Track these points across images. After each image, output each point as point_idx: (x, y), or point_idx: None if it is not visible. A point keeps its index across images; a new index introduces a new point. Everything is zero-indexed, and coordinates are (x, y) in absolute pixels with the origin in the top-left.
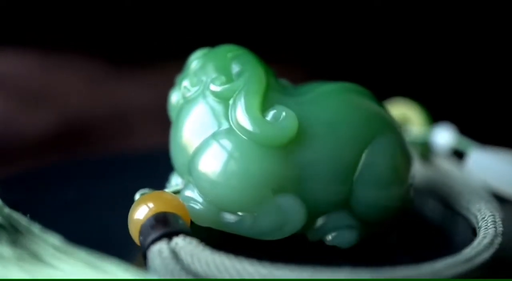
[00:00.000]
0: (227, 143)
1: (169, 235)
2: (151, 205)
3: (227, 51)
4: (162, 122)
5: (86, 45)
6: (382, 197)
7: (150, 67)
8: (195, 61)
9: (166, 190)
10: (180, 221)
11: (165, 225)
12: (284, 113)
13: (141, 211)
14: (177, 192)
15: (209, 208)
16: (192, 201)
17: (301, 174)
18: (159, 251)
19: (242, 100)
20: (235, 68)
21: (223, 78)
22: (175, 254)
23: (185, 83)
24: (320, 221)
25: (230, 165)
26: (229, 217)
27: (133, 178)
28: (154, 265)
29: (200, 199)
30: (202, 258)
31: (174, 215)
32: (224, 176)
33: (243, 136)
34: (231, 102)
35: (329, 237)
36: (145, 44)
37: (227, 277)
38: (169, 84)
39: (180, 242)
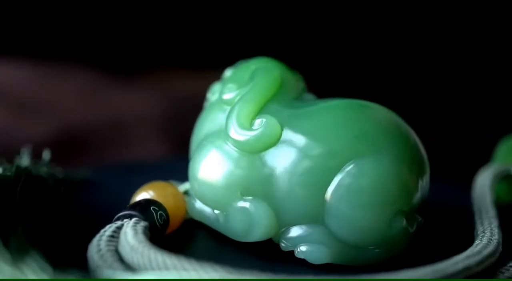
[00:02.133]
0: (210, 145)
1: (129, 217)
2: (150, 192)
3: (256, 63)
4: (158, 131)
5: (82, 55)
6: (358, 218)
7: (146, 76)
8: (229, 70)
9: (180, 186)
10: (160, 211)
11: (138, 209)
12: (265, 121)
13: (139, 195)
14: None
15: (198, 204)
16: (192, 198)
17: (271, 181)
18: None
19: (236, 107)
20: (251, 79)
21: (233, 87)
22: (114, 233)
23: (214, 89)
24: (293, 231)
25: (207, 165)
26: (210, 215)
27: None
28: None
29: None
30: (132, 245)
31: (157, 205)
32: (202, 174)
33: (225, 140)
34: (231, 108)
35: (298, 249)
36: (141, 53)
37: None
38: (165, 93)
39: (128, 224)
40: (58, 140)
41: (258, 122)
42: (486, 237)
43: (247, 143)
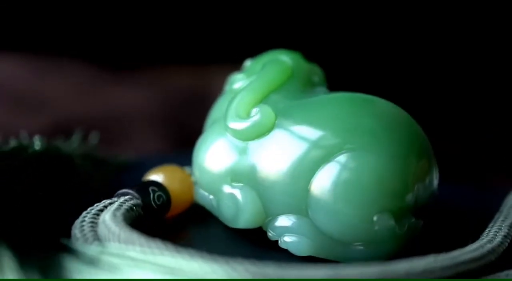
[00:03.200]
0: (210, 132)
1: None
2: (160, 174)
3: (273, 54)
4: (156, 127)
5: (79, 51)
6: (340, 212)
7: (144, 72)
8: (250, 61)
9: None
10: (159, 193)
11: (135, 188)
12: (259, 110)
13: (148, 176)
14: None
15: (201, 190)
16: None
17: (259, 170)
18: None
19: (236, 96)
20: (260, 69)
21: (243, 77)
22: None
23: (230, 80)
24: (279, 221)
25: (205, 151)
26: (207, 199)
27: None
28: None
29: None
30: (105, 220)
31: (158, 186)
32: (200, 160)
33: (223, 126)
34: (232, 97)
35: (282, 240)
36: (139, 49)
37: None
38: (163, 88)
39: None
40: (54, 136)
41: (254, 111)
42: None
43: (241, 131)
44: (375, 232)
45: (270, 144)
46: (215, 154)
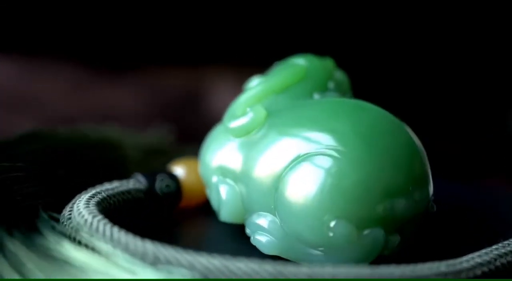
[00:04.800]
0: (215, 129)
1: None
2: (180, 165)
3: (295, 59)
4: (148, 127)
5: (71, 51)
6: (296, 214)
7: (136, 72)
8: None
9: None
10: (167, 182)
11: (144, 174)
12: (252, 108)
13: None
14: None
15: None
16: None
17: (242, 166)
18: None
19: (239, 96)
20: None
21: (256, 79)
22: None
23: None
24: (253, 218)
25: (206, 145)
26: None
27: None
28: None
29: None
30: (77, 204)
31: (169, 176)
32: (202, 153)
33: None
34: None
35: (253, 237)
36: (131, 49)
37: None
38: (155, 89)
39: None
40: None
41: (248, 110)
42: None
43: (233, 128)
44: (330, 238)
45: (254, 142)
46: (211, 147)
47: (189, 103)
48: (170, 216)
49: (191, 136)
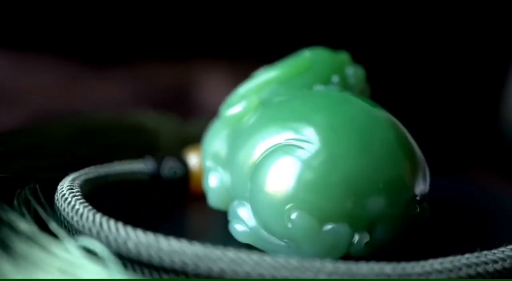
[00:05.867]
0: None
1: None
2: (194, 151)
3: (305, 51)
4: None
5: (56, 45)
6: (260, 203)
7: (125, 67)
8: None
9: None
10: (175, 167)
11: (153, 158)
12: (246, 98)
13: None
14: None
15: None
16: None
17: (229, 155)
18: None
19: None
20: None
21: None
22: None
23: None
24: (233, 206)
25: (207, 132)
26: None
27: None
28: None
29: None
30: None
31: (179, 162)
32: (203, 141)
33: None
34: None
35: (230, 224)
36: (119, 44)
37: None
38: (144, 83)
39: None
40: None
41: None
42: None
43: (226, 117)
44: (290, 230)
45: (241, 130)
46: (209, 135)
47: (177, 97)
48: (177, 201)
49: None
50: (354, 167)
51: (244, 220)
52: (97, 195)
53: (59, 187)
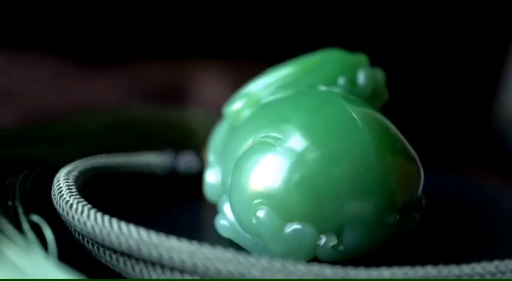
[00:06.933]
0: None
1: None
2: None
3: (318, 51)
4: None
5: (52, 43)
6: (232, 198)
7: (121, 65)
8: None
9: None
10: (190, 161)
11: (169, 151)
12: (247, 96)
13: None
14: None
15: None
16: None
17: (223, 150)
18: None
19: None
20: None
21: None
22: None
23: None
24: (222, 200)
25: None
26: None
27: None
28: None
29: None
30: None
31: (195, 156)
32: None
33: None
34: None
35: (216, 219)
36: (111, 42)
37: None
38: (140, 82)
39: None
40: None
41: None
42: None
43: (226, 115)
44: (254, 225)
45: (236, 127)
46: (215, 132)
47: (173, 97)
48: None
49: None
50: (321, 168)
51: (226, 215)
52: (99, 187)
53: (55, 179)
